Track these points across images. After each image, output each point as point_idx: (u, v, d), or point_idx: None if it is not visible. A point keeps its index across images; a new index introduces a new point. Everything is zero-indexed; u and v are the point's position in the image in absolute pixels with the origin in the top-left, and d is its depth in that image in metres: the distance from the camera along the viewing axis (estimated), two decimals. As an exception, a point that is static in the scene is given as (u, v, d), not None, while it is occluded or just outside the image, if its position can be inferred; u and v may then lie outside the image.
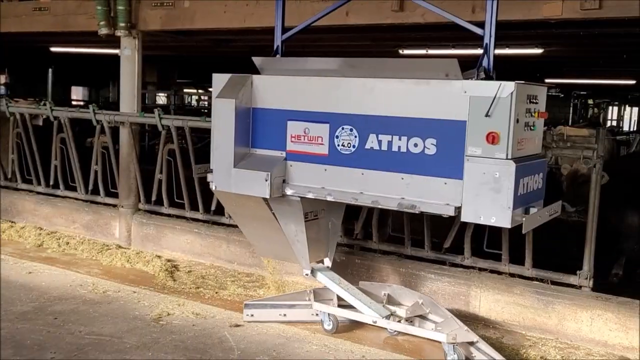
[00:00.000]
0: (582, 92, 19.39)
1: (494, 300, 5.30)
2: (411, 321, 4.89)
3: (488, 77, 3.99)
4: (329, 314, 4.99)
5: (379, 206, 4.33)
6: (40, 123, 8.93)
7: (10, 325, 4.82)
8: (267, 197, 4.53)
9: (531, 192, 4.05)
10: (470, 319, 5.32)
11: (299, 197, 4.55)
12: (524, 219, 3.88)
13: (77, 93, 22.93)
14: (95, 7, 6.74)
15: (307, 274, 5.01)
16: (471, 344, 4.51)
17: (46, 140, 7.94)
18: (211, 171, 4.76)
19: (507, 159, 3.78)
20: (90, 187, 7.62)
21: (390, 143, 4.17)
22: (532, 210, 4.00)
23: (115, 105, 5.58)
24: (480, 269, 5.53)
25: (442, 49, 9.70)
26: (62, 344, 4.55)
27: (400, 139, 4.12)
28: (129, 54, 6.95)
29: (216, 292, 5.80)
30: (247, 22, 6.27)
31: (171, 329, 4.91)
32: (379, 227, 6.09)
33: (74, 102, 18.49)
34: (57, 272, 6.20)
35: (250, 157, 4.68)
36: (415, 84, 4.08)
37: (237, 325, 5.05)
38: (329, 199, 4.43)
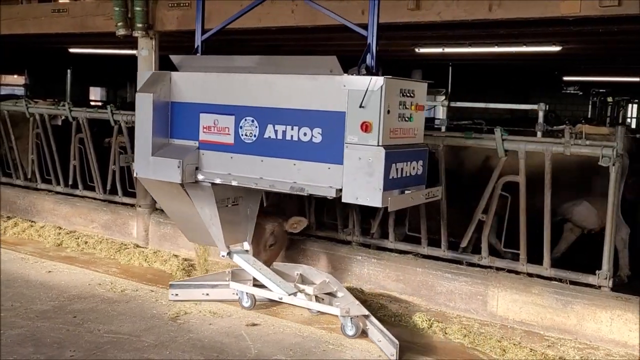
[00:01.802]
0: (601, 90, 19.16)
1: (511, 300, 5.26)
2: (322, 299, 5.19)
3: (370, 73, 4.36)
4: (246, 293, 5.40)
5: (275, 189, 4.72)
6: (59, 123, 9.04)
7: (31, 323, 4.88)
8: (179, 182, 4.90)
9: (408, 177, 4.46)
10: (487, 319, 5.30)
11: (209, 182, 4.93)
12: (389, 199, 4.21)
13: (95, 94, 23.10)
14: (113, 8, 6.79)
15: (223, 256, 5.37)
16: (366, 317, 4.88)
17: (65, 140, 8.03)
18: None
19: (378, 145, 4.16)
20: (109, 187, 7.69)
21: (284, 132, 4.57)
22: (406, 192, 4.41)
23: (132, 106, 5.66)
24: (498, 269, 5.50)
25: (458, 47, 9.64)
26: (81, 342, 4.59)
27: (292, 129, 4.52)
28: (146, 55, 6.99)
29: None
30: (263, 21, 6.28)
31: (188, 328, 4.94)
32: (396, 226, 6.08)
33: (92, 103, 18.65)
34: (76, 271, 6.26)
35: (168, 146, 5.07)
36: (305, 79, 4.49)
37: (254, 325, 5.06)
38: (233, 183, 4.81)
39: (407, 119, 4.42)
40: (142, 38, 6.95)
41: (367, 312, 4.88)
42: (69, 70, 12.70)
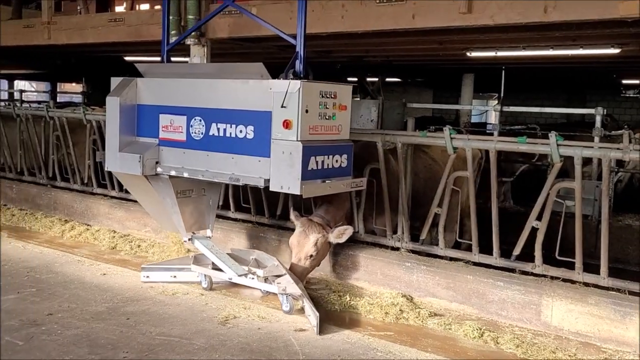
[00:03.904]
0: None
1: (567, 310, 5.09)
2: (270, 280, 5.57)
3: (297, 78, 4.96)
4: (204, 275, 5.93)
5: (217, 180, 5.40)
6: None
7: (86, 324, 5.01)
8: (140, 174, 5.60)
9: (330, 168, 5.08)
10: (541, 329, 5.15)
11: (167, 175, 5.63)
12: (303, 186, 4.77)
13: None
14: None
15: (185, 241, 6.13)
16: (301, 297, 5.32)
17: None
18: None
19: (297, 140, 4.76)
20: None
21: (225, 130, 5.22)
22: (327, 182, 5.02)
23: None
24: (553, 278, 5.34)
25: (512, 50, 9.44)
26: (134, 343, 4.69)
27: (231, 127, 5.17)
28: (198, 62, 7.11)
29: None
30: (313, 28, 6.29)
31: (237, 332, 4.98)
32: (446, 232, 5.99)
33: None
34: (129, 273, 6.41)
35: (134, 143, 5.76)
36: (240, 83, 5.14)
37: (302, 330, 5.06)
38: (185, 175, 5.48)
39: (328, 117, 5.01)
40: (195, 46, 7.08)
41: (299, 292, 5.30)
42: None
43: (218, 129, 5.27)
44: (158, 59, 6.50)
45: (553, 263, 5.39)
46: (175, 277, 6.11)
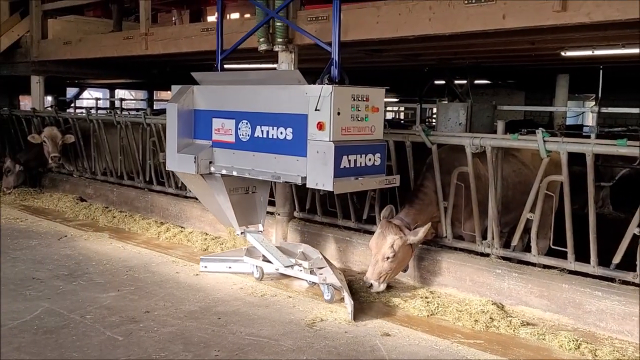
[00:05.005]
0: None
1: (672, 323, 4.78)
2: (315, 272, 5.93)
3: (333, 82, 5.33)
4: (256, 266, 6.37)
5: (261, 178, 5.77)
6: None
7: (180, 322, 5.21)
8: (194, 173, 6.09)
9: (363, 167, 5.38)
10: (644, 343, 4.86)
11: (219, 173, 6.10)
12: (335, 183, 5.10)
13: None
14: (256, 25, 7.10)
15: (238, 234, 6.56)
16: (341, 288, 5.66)
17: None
18: None
19: (329, 140, 5.11)
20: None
21: (268, 132, 5.63)
22: (359, 179, 5.32)
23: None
24: (656, 288, 5.03)
25: (610, 49, 8.99)
26: (225, 343, 4.82)
27: (273, 129, 5.58)
28: (285, 68, 7.24)
29: (367, 301, 5.83)
30: (400, 31, 6.26)
31: (324, 335, 5.02)
32: (539, 239, 5.77)
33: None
34: (220, 275, 6.59)
35: (191, 145, 6.26)
36: (280, 88, 5.56)
37: (388, 335, 5.03)
38: (234, 173, 5.94)
39: (360, 119, 5.32)
40: (282, 52, 7.21)
41: (339, 284, 5.66)
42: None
43: (262, 131, 5.67)
44: (248, 66, 6.70)
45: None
46: (230, 267, 6.60)
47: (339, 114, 5.13)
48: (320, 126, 5.14)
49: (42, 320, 5.15)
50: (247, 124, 5.81)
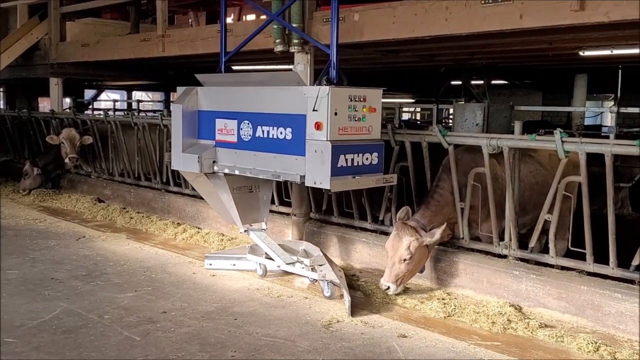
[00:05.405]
0: None
1: (694, 326, 4.71)
2: (314, 268, 6.03)
3: (330, 84, 5.45)
4: (259, 263, 6.49)
5: (261, 177, 5.90)
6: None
7: (197, 323, 5.24)
8: (198, 172, 6.22)
9: (360, 166, 5.48)
10: (664, 346, 4.80)
11: (222, 172, 6.21)
12: (332, 182, 5.22)
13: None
14: (272, 25, 7.12)
15: (241, 232, 6.64)
16: (340, 285, 5.75)
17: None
18: None
19: (326, 140, 5.22)
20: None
21: (269, 132, 5.75)
22: (356, 178, 5.43)
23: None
24: (677, 291, 4.96)
25: (629, 49, 8.88)
26: (241, 343, 4.84)
27: (273, 129, 5.70)
28: (301, 69, 7.24)
29: (385, 302, 5.82)
30: (416, 31, 6.24)
31: (341, 336, 5.01)
32: (557, 240, 5.72)
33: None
34: (236, 275, 6.62)
35: (195, 145, 6.39)
36: (280, 89, 5.69)
37: (404, 336, 5.02)
38: (236, 172, 6.07)
39: (358, 119, 5.42)
40: (298, 53, 7.21)
41: (338, 280, 5.76)
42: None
43: (263, 131, 5.81)
44: (263, 67, 6.74)
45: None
46: (234, 265, 6.71)
47: (336, 114, 5.25)
48: (317, 126, 5.26)
49: (61, 320, 5.21)
50: (248, 124, 5.94)
